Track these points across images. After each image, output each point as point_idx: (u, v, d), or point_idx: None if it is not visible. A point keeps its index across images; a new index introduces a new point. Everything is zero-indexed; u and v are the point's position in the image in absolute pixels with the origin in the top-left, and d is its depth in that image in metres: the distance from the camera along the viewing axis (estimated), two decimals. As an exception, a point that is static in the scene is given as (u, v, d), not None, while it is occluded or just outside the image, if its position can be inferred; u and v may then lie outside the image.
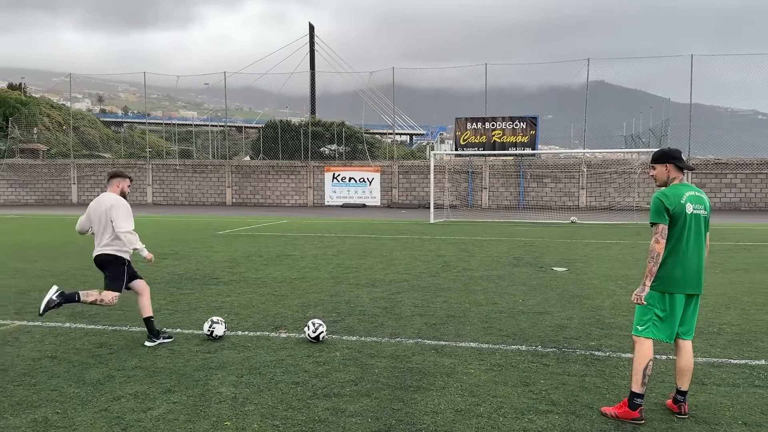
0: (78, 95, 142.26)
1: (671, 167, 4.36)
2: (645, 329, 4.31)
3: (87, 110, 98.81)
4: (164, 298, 8.39)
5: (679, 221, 4.21)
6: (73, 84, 44.27)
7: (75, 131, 55.98)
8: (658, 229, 4.24)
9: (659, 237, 4.22)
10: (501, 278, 10.07)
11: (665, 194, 4.28)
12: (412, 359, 5.58)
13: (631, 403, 4.21)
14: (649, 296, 4.28)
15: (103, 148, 53.66)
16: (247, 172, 37.85)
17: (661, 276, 4.24)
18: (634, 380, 4.25)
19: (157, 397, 4.61)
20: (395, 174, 35.82)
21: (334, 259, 12.37)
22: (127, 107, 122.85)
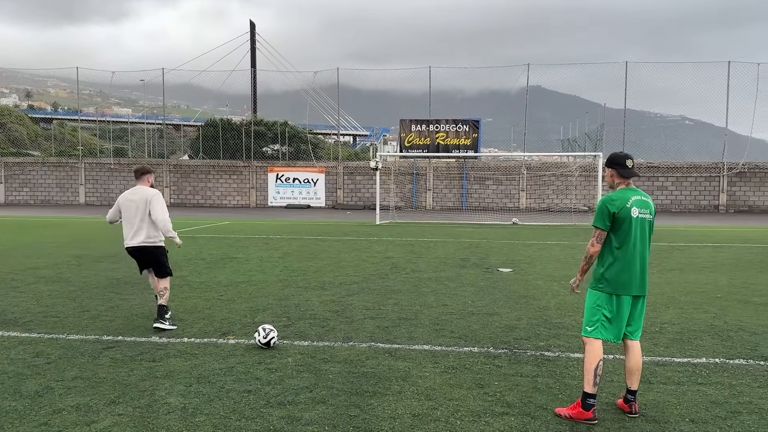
0: (4, 90, 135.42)
1: (614, 172, 4.47)
2: (594, 330, 4.40)
3: (14, 106, 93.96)
4: (103, 304, 8.02)
5: (624, 225, 4.32)
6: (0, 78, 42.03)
7: (1, 128, 53.11)
8: (596, 232, 4.38)
9: (595, 241, 4.39)
10: (449, 280, 10.14)
11: (612, 198, 4.38)
12: (366, 363, 5.52)
13: (584, 404, 4.28)
14: (597, 297, 4.39)
15: (32, 145, 51.18)
16: (186, 172, 36.87)
17: (609, 278, 4.34)
18: (586, 380, 4.33)
19: (100, 409, 4.38)
20: (340, 175, 35.67)
21: (281, 261, 12.18)
22: (57, 103, 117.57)
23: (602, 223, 4.35)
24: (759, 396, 4.80)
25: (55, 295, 8.56)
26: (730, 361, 5.72)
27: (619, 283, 4.32)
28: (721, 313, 7.76)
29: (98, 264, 11.66)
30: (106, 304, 8.06)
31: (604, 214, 4.34)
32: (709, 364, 5.63)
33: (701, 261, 12.75)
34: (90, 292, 8.84)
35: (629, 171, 4.43)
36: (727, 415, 4.42)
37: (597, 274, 4.44)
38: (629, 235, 4.33)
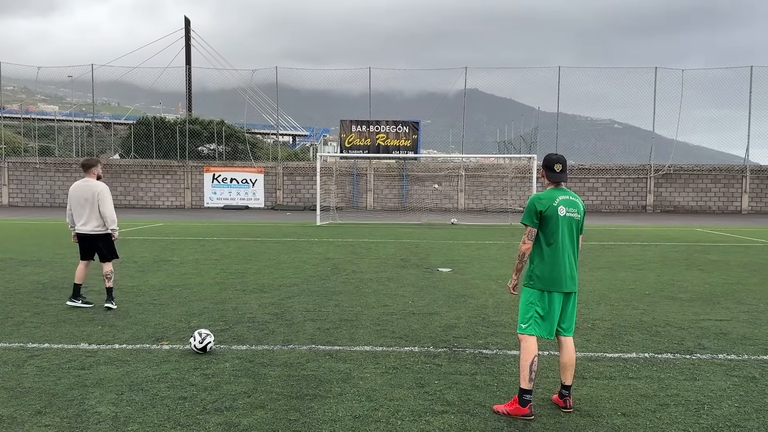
0: None
1: (545, 173, 4.67)
2: (528, 327, 4.51)
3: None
4: (28, 310, 7.62)
5: (551, 223, 4.48)
6: None
7: None
8: (526, 230, 4.55)
9: (526, 238, 4.54)
10: (390, 280, 10.17)
11: (539, 197, 4.55)
12: (306, 366, 5.46)
13: (521, 400, 4.37)
14: (529, 294, 4.52)
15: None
16: (116, 172, 35.56)
17: (539, 275, 4.49)
18: (522, 377, 4.42)
19: (25, 421, 4.15)
20: (279, 175, 35.24)
21: (218, 264, 11.90)
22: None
23: (530, 220, 4.51)
24: (685, 389, 5.02)
25: (-27, 302, 8.06)
26: (659, 355, 5.97)
27: (549, 280, 4.47)
28: (650, 309, 8.10)
29: (23, 268, 11.09)
30: (31, 310, 7.66)
31: (531, 212, 4.51)
32: (639, 358, 5.86)
33: (630, 259, 13.28)
34: (14, 298, 8.38)
35: (556, 175, 4.60)
36: (656, 407, 4.60)
37: (528, 271, 4.58)
38: (557, 233, 4.48)
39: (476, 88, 49.89)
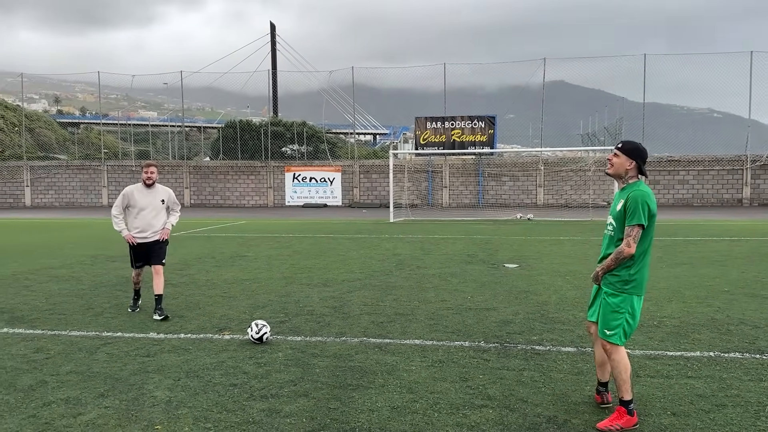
0: (34, 96, 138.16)
1: (635, 166, 4.15)
2: (618, 335, 4.13)
3: (44, 111, 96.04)
4: (108, 302, 8.20)
5: (653, 222, 4.08)
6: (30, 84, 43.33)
7: (30, 133, 54.29)
8: (634, 231, 3.99)
9: (632, 241, 3.99)
10: (453, 276, 10.14)
11: (648, 194, 4.04)
12: (354, 358, 5.58)
13: (629, 410, 4.08)
14: (623, 300, 4.11)
15: (60, 149, 52.28)
16: (205, 173, 37.31)
17: (638, 280, 4.11)
18: (624, 389, 4.09)
19: (88, 402, 4.50)
20: (356, 174, 35.78)
21: (289, 259, 12.29)
22: (85, 108, 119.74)
23: (645, 221, 3.99)
24: (748, 389, 4.75)
25: (64, 293, 8.77)
26: (725, 354, 5.65)
27: (643, 284, 4.14)
28: (725, 306, 7.65)
29: (111, 263, 11.90)
30: (111, 301, 8.24)
31: (646, 211, 3.98)
32: (702, 357, 5.57)
33: (715, 255, 12.55)
34: (98, 290, 9.03)
35: (645, 171, 4.21)
36: (711, 408, 4.38)
37: (625, 275, 4.09)
38: (651, 233, 4.10)
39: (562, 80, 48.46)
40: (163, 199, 7.40)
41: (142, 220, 7.27)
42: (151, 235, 7.33)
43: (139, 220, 7.27)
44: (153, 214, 7.32)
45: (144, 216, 7.28)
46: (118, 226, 7.32)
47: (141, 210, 7.28)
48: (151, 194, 7.34)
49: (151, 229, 7.30)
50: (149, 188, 7.34)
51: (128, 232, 7.27)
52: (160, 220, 7.39)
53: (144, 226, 7.29)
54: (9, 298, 8.41)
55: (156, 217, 7.35)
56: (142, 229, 7.28)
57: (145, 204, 7.29)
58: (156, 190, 7.39)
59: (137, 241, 7.28)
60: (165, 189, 7.51)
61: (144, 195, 7.32)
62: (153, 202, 7.33)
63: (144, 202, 7.29)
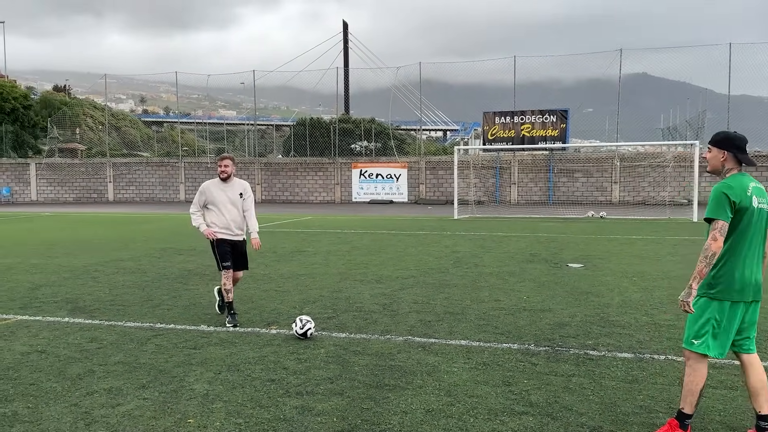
0: (122, 96, 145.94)
1: (729, 156, 3.77)
2: (701, 344, 3.71)
3: (130, 111, 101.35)
4: (167, 294, 8.43)
5: (744, 217, 3.66)
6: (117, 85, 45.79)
7: (117, 131, 57.31)
8: (717, 225, 3.62)
9: (718, 234, 3.60)
10: (511, 275, 9.83)
11: (729, 185, 3.68)
12: (396, 357, 5.45)
13: (682, 424, 3.76)
14: (705, 305, 3.72)
15: (144, 147, 54.90)
16: (276, 170, 38.14)
17: (722, 282, 3.69)
18: (688, 402, 3.74)
19: (129, 393, 4.59)
20: (422, 170, 35.58)
21: (347, 255, 12.30)
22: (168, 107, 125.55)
23: (724, 213, 3.61)
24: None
25: (127, 285, 9.09)
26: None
27: (733, 288, 3.68)
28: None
29: (178, 256, 12.27)
30: (170, 293, 8.46)
31: (723, 203, 3.62)
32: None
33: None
34: (159, 282, 9.32)
35: (747, 157, 3.76)
36: (779, 425, 3.97)
37: (707, 278, 3.72)
38: (748, 230, 3.68)
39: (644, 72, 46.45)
40: (240, 193, 6.96)
41: (221, 215, 6.87)
42: (236, 231, 6.93)
43: (218, 216, 6.87)
44: (233, 209, 6.89)
45: (223, 211, 6.86)
46: (196, 221, 6.98)
47: (220, 205, 6.86)
48: (229, 188, 6.91)
49: (233, 224, 6.89)
50: (226, 182, 6.90)
51: (207, 227, 6.88)
52: (240, 216, 6.97)
53: (225, 222, 6.87)
54: (75, 289, 8.80)
55: (236, 212, 6.93)
56: (224, 225, 6.87)
57: (223, 199, 6.86)
58: (233, 183, 6.95)
59: (218, 236, 6.86)
60: (241, 182, 7.08)
61: (221, 190, 6.88)
62: (231, 196, 6.89)
63: (222, 198, 6.86)
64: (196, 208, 7.01)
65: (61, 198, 39.75)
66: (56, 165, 40.46)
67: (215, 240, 6.88)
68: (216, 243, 6.90)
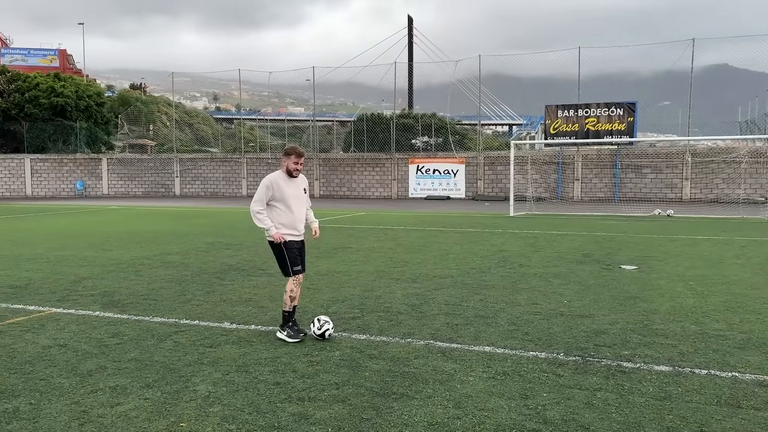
0: (196, 94, 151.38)
1: None
2: None
3: (204, 108, 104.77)
4: (202, 288, 8.45)
5: None
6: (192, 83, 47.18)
7: (190, 128, 59.22)
8: None
9: None
10: (556, 276, 9.35)
11: None
12: (412, 363, 5.18)
13: None
14: None
15: (215, 143, 56.55)
16: (333, 165, 38.36)
17: None
18: None
19: (132, 392, 4.53)
20: (480, 165, 34.90)
21: (390, 252, 12.07)
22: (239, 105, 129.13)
23: None
24: None
25: (167, 279, 9.19)
26: None
27: None
28: None
29: (224, 251, 12.39)
30: (205, 288, 8.48)
31: None
32: (836, 390, 4.52)
33: None
34: (198, 277, 9.37)
35: None
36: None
37: None
38: None
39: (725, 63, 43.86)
40: (304, 188, 6.40)
41: (289, 213, 6.14)
42: (302, 229, 6.30)
43: (286, 214, 6.12)
44: (300, 205, 6.26)
45: (293, 208, 6.17)
46: (264, 222, 6.05)
47: (289, 201, 6.12)
48: (293, 183, 6.22)
49: (299, 222, 6.25)
50: (293, 178, 6.22)
51: (276, 230, 6.06)
52: (304, 213, 6.36)
53: (292, 220, 6.16)
54: (116, 282, 8.97)
55: (302, 208, 6.32)
56: (291, 225, 6.15)
57: (292, 195, 6.15)
58: (297, 178, 6.31)
59: (288, 238, 6.12)
60: (302, 177, 6.47)
61: (289, 185, 6.15)
62: (297, 192, 6.23)
63: (291, 194, 6.14)
64: (262, 206, 6.10)
65: (131, 192, 41.39)
66: (126, 160, 42.15)
67: (284, 243, 6.08)
68: (285, 246, 6.08)
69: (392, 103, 46.06)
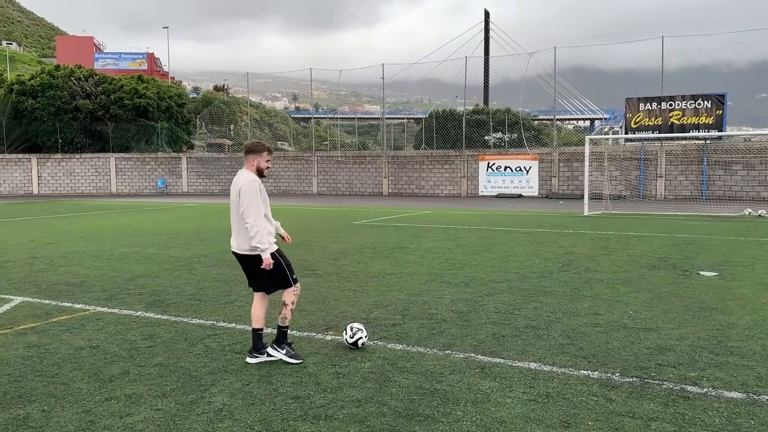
0: (277, 94, 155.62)
1: None
2: None
3: (284, 108, 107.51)
4: (246, 288, 8.27)
5: None
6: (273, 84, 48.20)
7: (269, 127, 60.83)
8: None
9: None
10: (625, 283, 8.59)
11: None
12: (446, 379, 4.74)
13: None
14: None
15: (293, 141, 57.75)
16: (402, 163, 38.03)
17: None
18: None
19: (146, 402, 4.34)
20: (555, 162, 33.58)
21: (447, 253, 11.59)
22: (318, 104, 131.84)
23: None
24: None
25: (217, 279, 9.13)
26: None
27: None
28: None
29: (293, 250, 12.26)
30: (250, 289, 8.30)
31: None
32: None
33: None
34: (248, 278, 9.24)
35: None
36: None
37: None
38: None
39: None
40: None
41: (270, 219, 5.31)
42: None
43: (268, 222, 5.26)
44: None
45: (270, 216, 5.32)
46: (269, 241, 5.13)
47: (268, 209, 5.32)
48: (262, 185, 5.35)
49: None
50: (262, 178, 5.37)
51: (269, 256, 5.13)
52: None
53: (272, 227, 5.34)
54: (167, 281, 8.98)
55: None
56: (272, 233, 5.32)
57: (267, 198, 5.37)
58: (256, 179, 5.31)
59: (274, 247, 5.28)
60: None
61: (262, 187, 5.31)
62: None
63: (266, 196, 5.36)
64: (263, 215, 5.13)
65: (209, 190, 42.69)
66: (204, 159, 43.53)
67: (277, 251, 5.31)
68: (279, 253, 5.31)
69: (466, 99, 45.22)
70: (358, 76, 46.06)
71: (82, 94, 42.50)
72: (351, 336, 5.52)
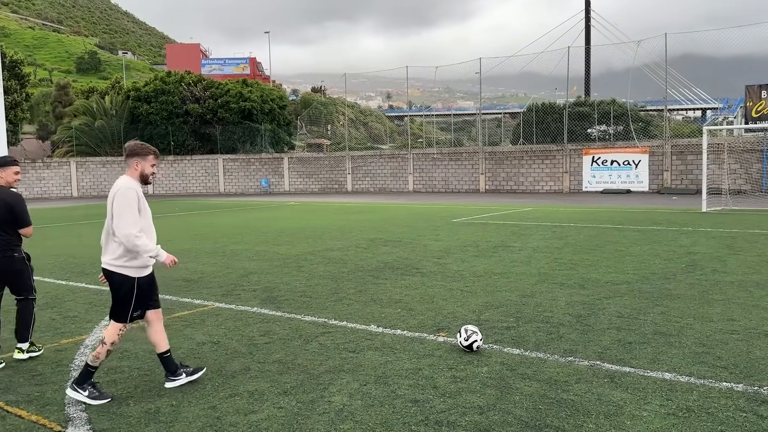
0: (371, 93, 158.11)
1: None
2: None
3: (378, 107, 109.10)
4: (355, 287, 8.34)
5: None
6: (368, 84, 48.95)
7: (365, 126, 61.85)
8: None
9: None
10: (760, 286, 7.86)
11: None
12: (572, 388, 4.47)
13: None
14: None
15: (388, 140, 58.36)
16: (500, 159, 37.22)
17: None
18: None
19: (268, 399, 4.39)
20: (667, 155, 31.61)
21: (556, 252, 11.13)
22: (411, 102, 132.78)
23: None
24: None
25: (324, 276, 9.24)
26: None
27: None
28: None
29: (382, 247, 12.31)
30: (358, 287, 8.35)
31: None
32: None
33: None
34: (354, 275, 9.31)
35: None
36: None
37: None
38: None
39: None
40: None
41: (151, 233, 4.65)
42: None
43: (151, 234, 4.64)
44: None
45: (152, 229, 4.68)
46: (147, 246, 4.46)
47: (149, 219, 4.66)
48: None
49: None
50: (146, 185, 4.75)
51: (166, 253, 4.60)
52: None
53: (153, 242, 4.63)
54: (278, 278, 9.19)
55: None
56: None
57: (148, 208, 4.68)
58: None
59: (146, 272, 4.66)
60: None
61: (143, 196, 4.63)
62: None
63: (148, 207, 4.67)
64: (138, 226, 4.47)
65: (308, 189, 43.82)
66: (304, 159, 44.74)
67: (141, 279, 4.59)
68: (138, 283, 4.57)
69: (566, 91, 43.65)
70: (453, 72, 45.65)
71: (191, 99, 44.92)
72: (465, 339, 5.35)
